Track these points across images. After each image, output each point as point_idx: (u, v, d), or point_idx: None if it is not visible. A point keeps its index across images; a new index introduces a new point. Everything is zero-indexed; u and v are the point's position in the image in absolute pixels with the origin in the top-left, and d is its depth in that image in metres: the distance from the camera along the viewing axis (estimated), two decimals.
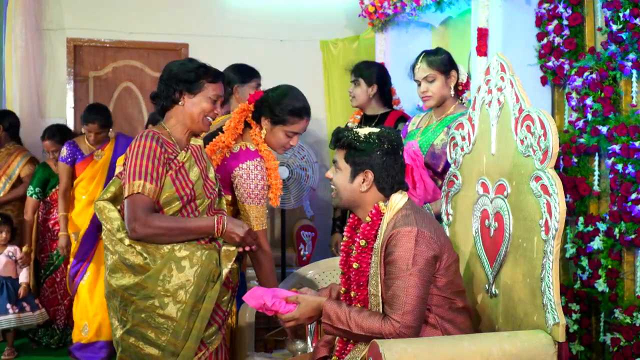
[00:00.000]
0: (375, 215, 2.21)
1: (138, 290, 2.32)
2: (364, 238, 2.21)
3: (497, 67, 2.39)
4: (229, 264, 2.39)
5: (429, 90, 3.12)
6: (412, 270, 2.08)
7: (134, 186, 2.32)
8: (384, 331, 2.08)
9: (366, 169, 2.21)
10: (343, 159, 2.25)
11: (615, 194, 3.12)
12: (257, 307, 2.26)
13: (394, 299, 2.09)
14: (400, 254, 2.10)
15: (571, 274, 3.48)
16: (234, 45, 5.73)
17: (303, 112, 2.89)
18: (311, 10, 6.02)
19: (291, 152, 4.70)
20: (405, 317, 2.07)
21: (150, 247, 2.33)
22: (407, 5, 4.58)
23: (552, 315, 2.06)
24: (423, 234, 2.11)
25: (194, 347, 2.33)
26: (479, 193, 2.48)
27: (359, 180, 2.22)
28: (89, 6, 5.65)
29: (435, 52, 3.19)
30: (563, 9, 3.47)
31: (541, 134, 2.14)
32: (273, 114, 2.87)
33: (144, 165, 2.34)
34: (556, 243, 2.07)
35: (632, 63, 3.06)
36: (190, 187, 2.42)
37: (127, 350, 2.36)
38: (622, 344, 3.04)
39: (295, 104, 2.88)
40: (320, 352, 2.41)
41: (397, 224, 2.14)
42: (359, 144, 2.21)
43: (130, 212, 2.31)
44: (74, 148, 4.46)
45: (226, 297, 2.45)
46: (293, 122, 2.88)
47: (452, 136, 2.67)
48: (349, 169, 2.23)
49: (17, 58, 5.31)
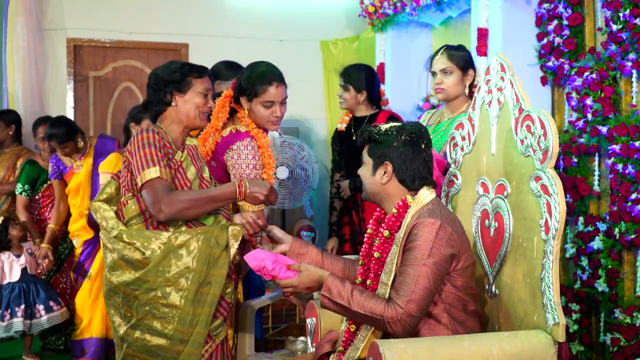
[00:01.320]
0: (402, 208, 2.24)
1: (140, 284, 2.33)
2: (388, 229, 2.24)
3: (497, 67, 2.39)
4: (235, 243, 2.39)
5: (443, 83, 3.10)
6: (426, 261, 2.09)
7: (147, 174, 2.33)
8: (386, 314, 2.08)
9: (385, 160, 2.25)
10: (366, 153, 2.30)
11: (615, 194, 3.12)
12: (256, 268, 2.25)
13: (401, 285, 2.10)
14: (419, 243, 2.11)
15: (571, 274, 3.48)
16: (234, 45, 5.73)
17: (269, 77, 2.89)
18: (311, 10, 6.02)
19: (291, 152, 4.71)
20: (409, 305, 2.07)
21: (147, 241, 2.34)
22: (407, 5, 4.58)
23: (552, 315, 2.06)
24: (445, 228, 2.13)
25: (204, 332, 2.33)
26: (479, 193, 2.48)
27: (380, 173, 2.26)
28: (89, 6, 5.65)
29: (458, 47, 3.16)
30: (563, 9, 3.47)
31: (541, 134, 2.14)
32: (245, 89, 2.89)
33: (151, 153, 2.36)
34: (556, 243, 2.07)
35: (632, 63, 3.06)
36: (188, 186, 2.44)
37: (133, 345, 2.36)
38: (622, 344, 3.04)
39: (260, 72, 2.89)
40: (324, 347, 2.41)
41: (421, 215, 2.17)
42: (378, 136, 2.26)
43: (151, 196, 2.32)
44: (57, 162, 4.39)
45: (230, 289, 2.45)
46: (263, 90, 2.87)
47: (452, 136, 2.67)
48: (371, 162, 2.28)
49: (18, 58, 5.31)
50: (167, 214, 2.32)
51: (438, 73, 3.11)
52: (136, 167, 2.36)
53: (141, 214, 2.41)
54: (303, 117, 5.87)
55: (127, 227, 2.40)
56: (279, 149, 4.75)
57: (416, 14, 4.54)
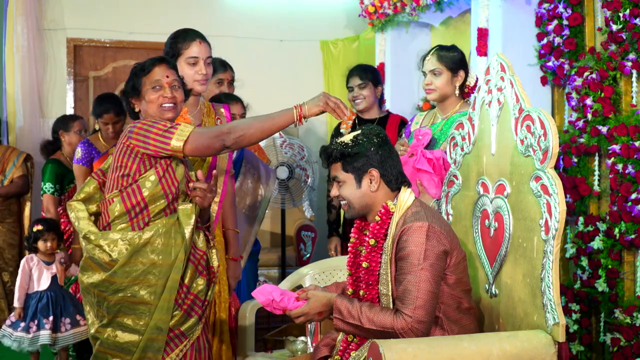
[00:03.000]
0: (385, 215, 2.22)
1: (107, 286, 2.35)
2: (374, 237, 2.22)
3: (497, 67, 2.39)
4: (190, 221, 2.39)
5: (432, 84, 3.12)
6: (423, 265, 2.09)
7: (177, 142, 2.32)
8: (396, 326, 2.08)
9: (369, 168, 2.22)
10: (341, 170, 2.25)
11: (615, 194, 3.12)
12: (265, 303, 2.25)
13: (405, 294, 2.10)
14: (412, 249, 2.11)
15: (571, 274, 3.48)
16: (234, 45, 5.73)
17: (191, 34, 2.86)
18: (311, 10, 6.02)
19: (291, 152, 4.71)
20: (417, 312, 2.07)
21: (113, 242, 2.34)
22: (407, 5, 4.58)
23: (552, 315, 2.06)
24: (434, 228, 2.12)
25: (165, 318, 2.34)
26: (479, 193, 2.48)
27: (367, 182, 2.23)
28: (89, 6, 5.66)
29: (449, 48, 3.17)
30: (563, 9, 3.47)
31: (541, 134, 2.14)
32: (168, 53, 2.85)
33: (160, 128, 2.35)
34: (556, 243, 2.07)
35: (632, 63, 3.06)
36: (176, 186, 2.42)
37: (105, 343, 2.38)
38: (622, 344, 3.04)
39: (182, 31, 2.88)
40: (322, 351, 2.40)
41: (407, 220, 2.16)
42: (350, 149, 2.22)
43: (206, 141, 2.34)
44: (89, 147, 3.98)
45: (202, 287, 2.43)
46: (187, 46, 2.84)
47: (452, 136, 2.67)
48: (352, 176, 2.24)
49: (18, 58, 5.32)
50: (237, 140, 2.36)
51: (428, 73, 3.13)
52: (159, 145, 2.34)
53: (126, 213, 2.38)
54: None
55: (112, 226, 2.39)
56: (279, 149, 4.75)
57: (416, 14, 4.54)
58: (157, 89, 2.44)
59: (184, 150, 2.34)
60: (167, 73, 2.46)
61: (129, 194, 2.37)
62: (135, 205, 2.37)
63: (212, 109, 3.01)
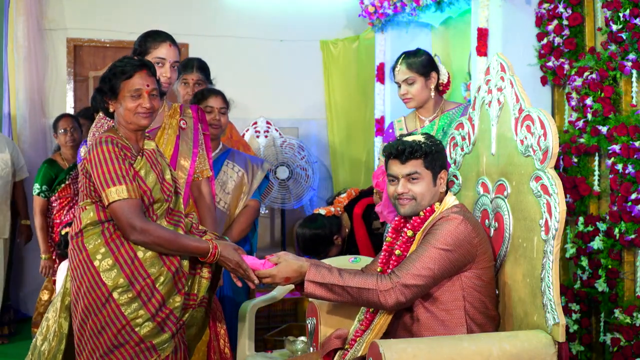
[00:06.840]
0: (429, 212, 2.27)
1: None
2: (412, 229, 2.27)
3: (497, 67, 2.39)
4: None
5: (409, 93, 3.09)
6: (438, 246, 2.12)
7: (111, 194, 2.27)
8: (380, 285, 2.10)
9: (443, 169, 2.31)
10: (423, 167, 2.27)
11: (615, 194, 3.12)
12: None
13: (405, 261, 2.15)
14: (438, 231, 2.15)
15: (571, 274, 3.48)
16: (234, 45, 5.73)
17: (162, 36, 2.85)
18: (311, 10, 6.01)
19: (291, 152, 4.71)
20: (407, 277, 2.09)
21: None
22: (407, 5, 4.57)
23: (552, 315, 2.06)
24: (467, 225, 2.17)
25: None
26: (479, 193, 2.48)
27: (440, 182, 2.30)
28: (89, 6, 5.65)
29: (415, 53, 3.13)
30: (563, 9, 3.47)
31: (541, 134, 2.14)
32: (136, 50, 2.83)
33: (115, 169, 2.29)
34: (556, 243, 2.07)
35: (632, 63, 3.06)
36: (149, 195, 2.35)
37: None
38: (622, 344, 3.04)
39: (152, 32, 2.86)
40: (333, 343, 2.39)
41: (444, 214, 2.22)
42: (434, 147, 2.29)
43: (124, 218, 2.27)
44: None
45: (179, 304, 2.37)
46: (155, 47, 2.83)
47: (452, 136, 2.67)
48: (431, 174, 2.28)
49: (18, 58, 5.32)
50: (139, 241, 2.29)
51: (401, 83, 3.10)
52: (100, 184, 2.29)
53: (99, 223, 2.33)
54: (303, 117, 5.86)
55: (84, 232, 2.34)
56: (279, 149, 4.75)
57: (416, 14, 4.54)
58: (135, 97, 2.38)
59: (108, 205, 2.28)
60: (148, 82, 2.40)
61: (102, 206, 2.33)
62: (108, 217, 2.33)
63: (178, 110, 2.95)
